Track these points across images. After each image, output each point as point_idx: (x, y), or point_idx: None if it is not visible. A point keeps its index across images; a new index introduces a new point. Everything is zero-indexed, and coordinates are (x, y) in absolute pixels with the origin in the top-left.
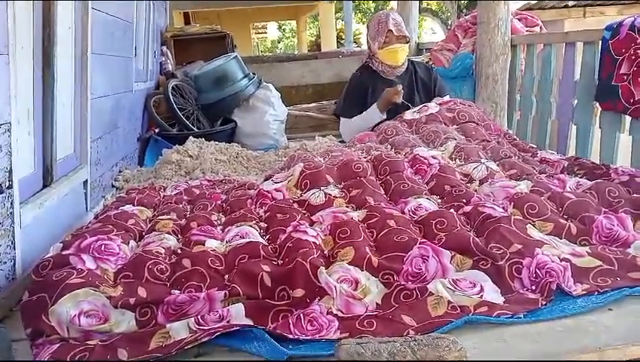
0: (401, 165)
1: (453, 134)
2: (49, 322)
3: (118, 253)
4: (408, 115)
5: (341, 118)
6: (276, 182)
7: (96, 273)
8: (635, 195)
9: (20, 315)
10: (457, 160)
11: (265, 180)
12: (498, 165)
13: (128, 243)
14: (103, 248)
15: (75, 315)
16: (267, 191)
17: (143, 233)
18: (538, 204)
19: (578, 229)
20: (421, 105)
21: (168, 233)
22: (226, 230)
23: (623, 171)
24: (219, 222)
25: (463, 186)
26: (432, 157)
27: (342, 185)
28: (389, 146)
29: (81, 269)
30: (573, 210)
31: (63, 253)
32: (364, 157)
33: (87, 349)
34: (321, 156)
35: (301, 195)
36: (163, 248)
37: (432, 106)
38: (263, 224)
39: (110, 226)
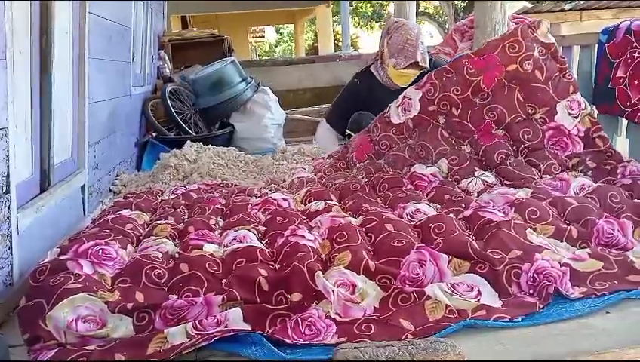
0: (400, 181)
1: (443, 146)
2: (46, 327)
3: (115, 258)
4: (394, 116)
5: (322, 120)
6: (285, 195)
7: (93, 278)
8: (636, 200)
9: (18, 321)
10: (453, 181)
11: (269, 189)
12: (495, 175)
13: (126, 247)
14: (100, 253)
15: (72, 320)
16: (274, 199)
17: (141, 237)
18: (539, 209)
19: (579, 232)
20: (401, 96)
21: (166, 237)
22: (224, 234)
23: (631, 172)
24: (217, 226)
25: (462, 194)
26: (432, 174)
27: (341, 203)
28: (386, 166)
29: (79, 274)
30: (575, 215)
31: (61, 257)
32: (365, 180)
33: (85, 354)
34: (324, 184)
35: (304, 206)
36: (160, 253)
37: (413, 96)
38: (261, 227)
39: (108, 231)
